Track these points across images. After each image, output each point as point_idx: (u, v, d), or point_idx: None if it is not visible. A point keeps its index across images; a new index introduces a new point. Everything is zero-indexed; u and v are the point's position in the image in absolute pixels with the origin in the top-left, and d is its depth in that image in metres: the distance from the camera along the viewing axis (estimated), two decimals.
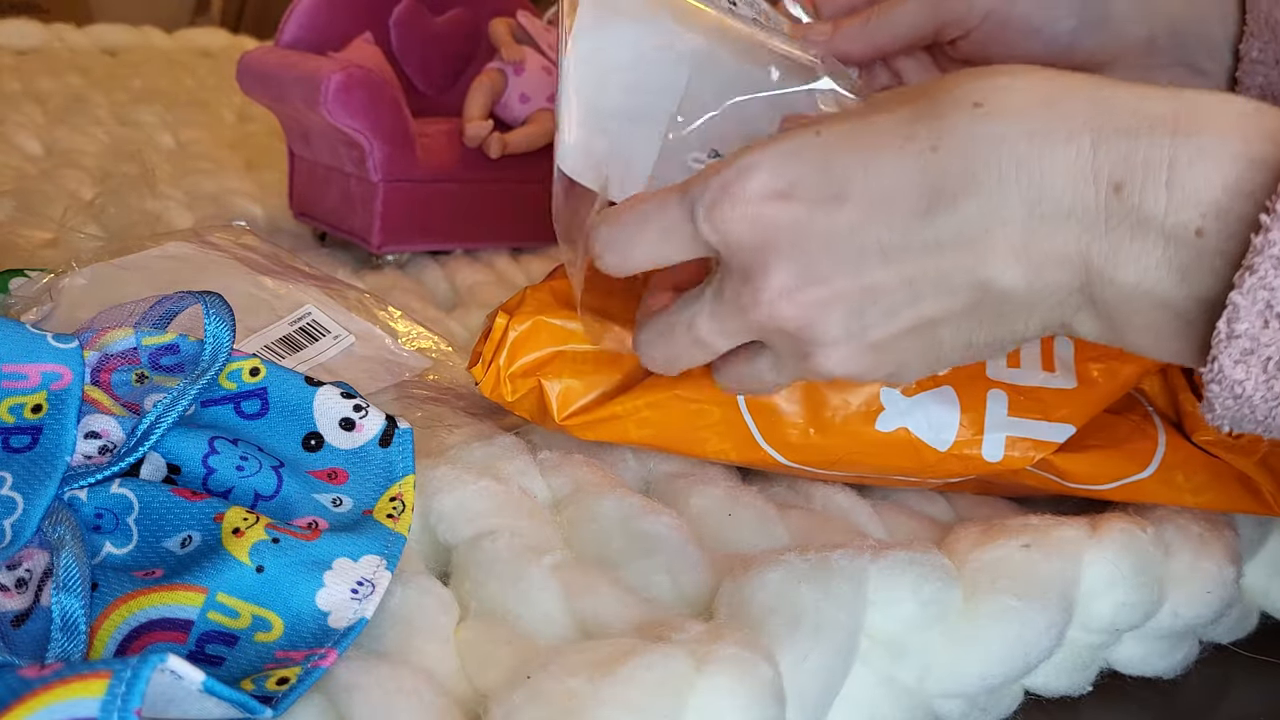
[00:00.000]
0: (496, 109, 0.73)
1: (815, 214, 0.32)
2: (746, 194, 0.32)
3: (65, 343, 0.37)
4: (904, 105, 0.32)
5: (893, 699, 0.35)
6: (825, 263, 0.32)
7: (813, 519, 0.42)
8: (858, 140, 0.32)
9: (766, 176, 0.32)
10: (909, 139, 0.31)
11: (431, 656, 0.33)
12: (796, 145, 0.33)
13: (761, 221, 0.32)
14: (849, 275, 0.32)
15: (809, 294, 0.33)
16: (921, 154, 0.31)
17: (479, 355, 0.44)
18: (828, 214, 0.32)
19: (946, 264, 0.31)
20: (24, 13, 1.46)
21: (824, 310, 0.33)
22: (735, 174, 0.33)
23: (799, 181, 0.32)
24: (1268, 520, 0.43)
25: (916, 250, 0.31)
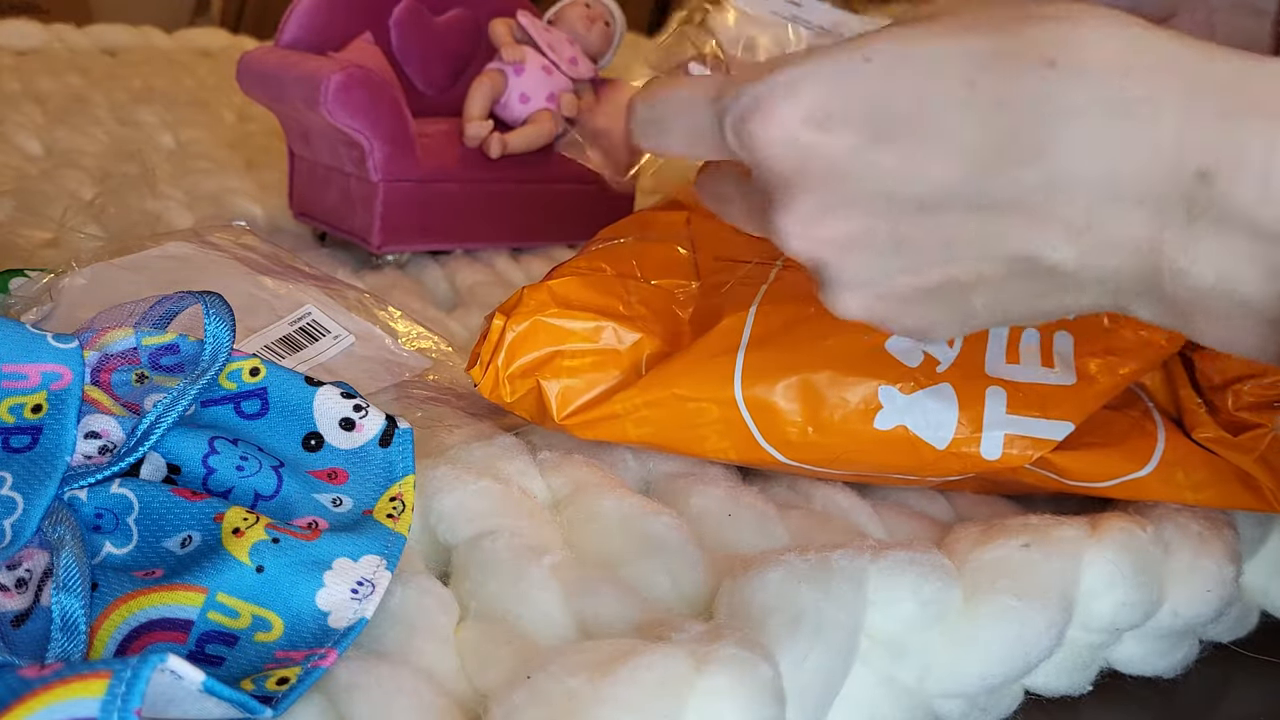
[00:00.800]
0: (496, 109, 0.73)
1: (855, 150, 0.29)
2: (781, 115, 0.30)
3: (65, 343, 0.37)
4: (968, 35, 0.28)
5: (893, 699, 0.35)
6: (854, 201, 0.30)
7: (813, 519, 0.42)
8: (913, 76, 0.29)
9: (806, 100, 0.29)
10: (971, 86, 0.28)
11: (431, 656, 0.33)
12: (842, 69, 0.29)
13: (794, 148, 0.30)
14: (878, 219, 0.30)
15: (829, 228, 0.30)
16: (984, 108, 0.28)
17: (477, 356, 0.44)
18: (868, 153, 0.29)
19: (991, 229, 0.29)
20: (24, 13, 1.46)
21: (842, 251, 0.30)
22: (770, 90, 0.30)
23: (842, 111, 0.29)
24: (1268, 518, 0.43)
25: (959, 208, 0.29)
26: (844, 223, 0.30)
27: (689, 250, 0.49)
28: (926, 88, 0.28)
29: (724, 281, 0.46)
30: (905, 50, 0.29)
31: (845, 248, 0.30)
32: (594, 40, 0.76)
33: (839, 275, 0.31)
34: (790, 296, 0.44)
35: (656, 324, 0.45)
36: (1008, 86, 0.28)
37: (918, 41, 0.29)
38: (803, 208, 0.30)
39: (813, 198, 0.30)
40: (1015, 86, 0.28)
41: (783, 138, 0.30)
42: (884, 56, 0.29)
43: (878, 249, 0.30)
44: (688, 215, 0.52)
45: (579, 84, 0.75)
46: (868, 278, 0.31)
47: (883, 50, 0.29)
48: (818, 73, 0.29)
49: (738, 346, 0.42)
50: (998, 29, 0.28)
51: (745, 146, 0.31)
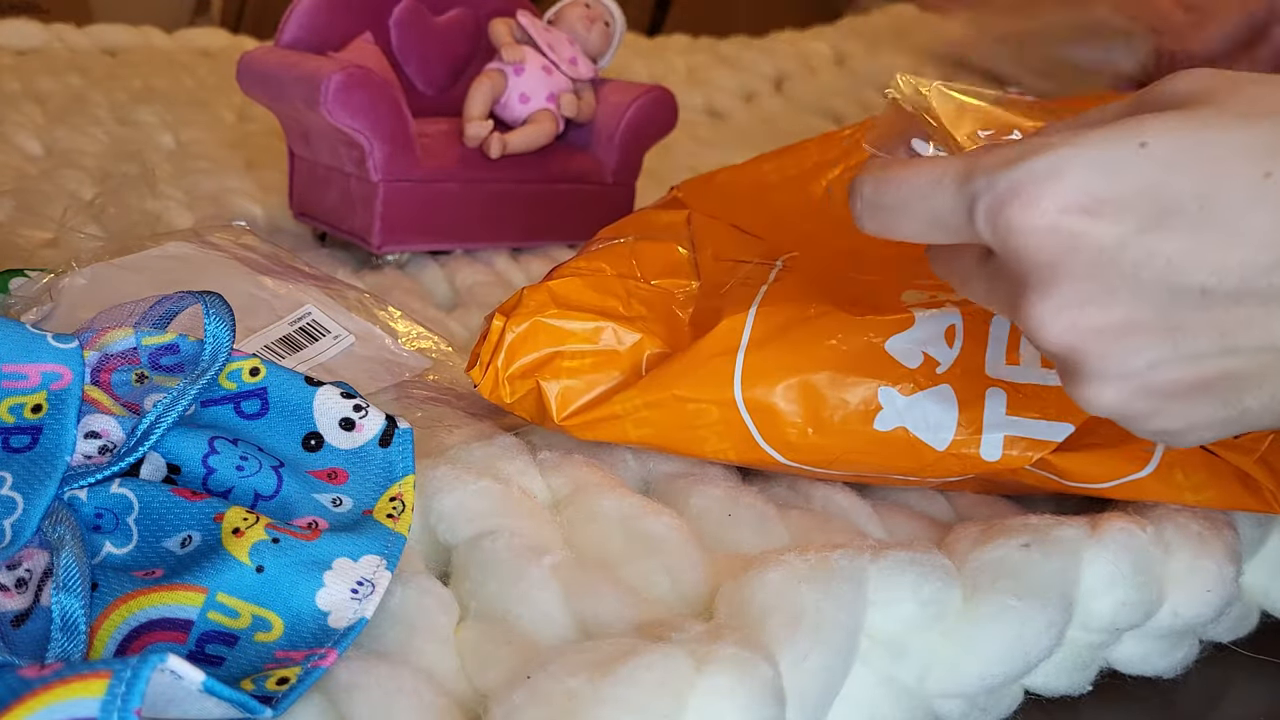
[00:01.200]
0: (496, 109, 0.73)
1: (1129, 237, 0.27)
2: (1045, 202, 0.28)
3: (65, 343, 0.37)
4: (1255, 123, 0.27)
5: (893, 699, 0.35)
6: (1124, 289, 0.28)
7: (813, 519, 0.42)
8: (1198, 161, 0.27)
9: (1075, 186, 0.28)
10: (1268, 175, 0.27)
11: (431, 656, 0.33)
12: (1115, 156, 0.28)
13: (1059, 235, 0.28)
14: (1151, 308, 0.28)
15: (1093, 317, 0.28)
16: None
17: (477, 357, 0.44)
18: (1145, 239, 0.27)
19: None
20: (24, 13, 1.46)
21: (1106, 340, 0.29)
22: (1031, 175, 0.28)
23: (1116, 200, 0.27)
24: (1268, 519, 0.43)
25: (1249, 300, 0.27)
26: (1112, 311, 0.28)
27: (689, 250, 0.49)
28: (1214, 177, 0.27)
29: (724, 282, 0.46)
30: (1185, 137, 0.27)
31: (1110, 337, 0.29)
32: (594, 40, 0.76)
33: (1099, 365, 0.29)
34: (790, 297, 0.44)
35: (656, 324, 0.45)
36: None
37: (1198, 129, 0.27)
38: (1064, 295, 0.28)
39: (1076, 285, 0.28)
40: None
41: (1046, 225, 0.28)
42: (1162, 144, 0.27)
43: (1147, 339, 0.28)
44: (688, 215, 0.52)
45: (579, 84, 0.75)
46: (1132, 369, 0.29)
47: (1160, 137, 0.28)
48: (1087, 158, 0.28)
49: (737, 347, 0.42)
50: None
51: (1001, 234, 0.29)
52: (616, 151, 0.76)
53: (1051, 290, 0.29)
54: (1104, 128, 0.28)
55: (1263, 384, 0.29)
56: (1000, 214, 0.29)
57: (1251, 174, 0.27)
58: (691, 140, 1.13)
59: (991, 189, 0.29)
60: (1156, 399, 0.29)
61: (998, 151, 0.29)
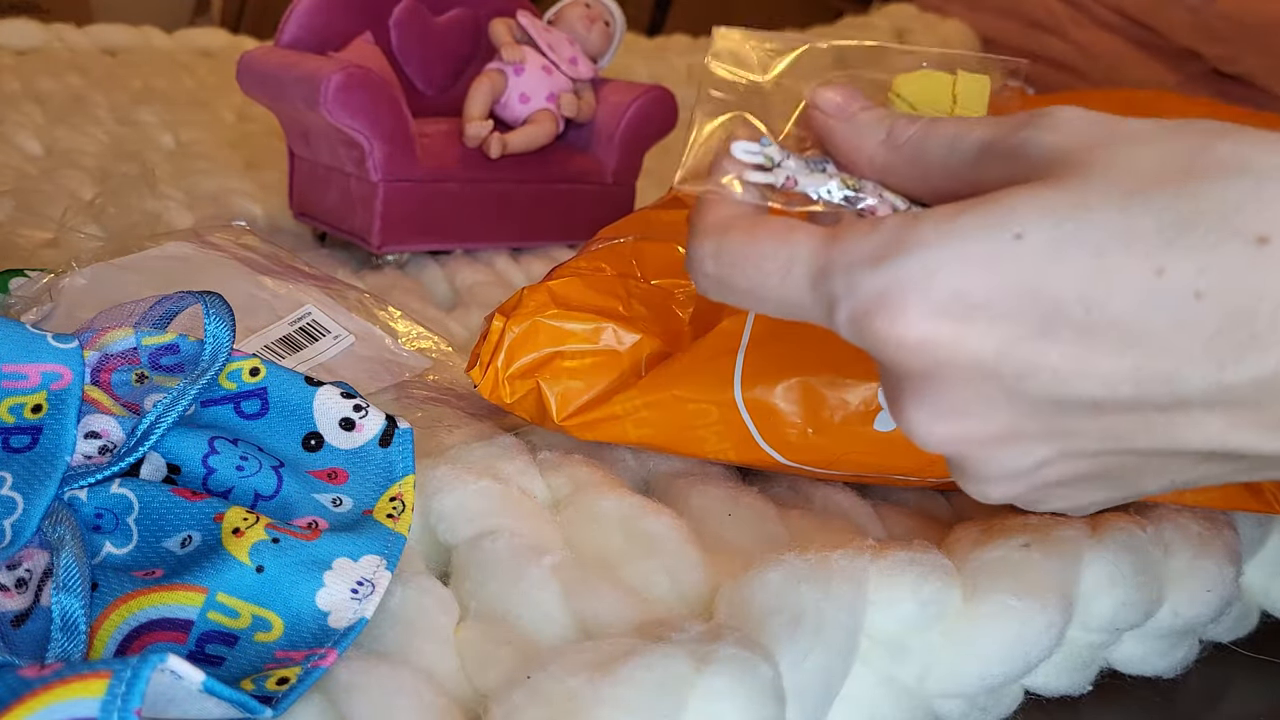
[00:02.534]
0: (496, 109, 0.73)
1: (1008, 346, 0.24)
2: (913, 313, 0.25)
3: (65, 343, 0.37)
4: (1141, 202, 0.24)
5: (893, 699, 0.35)
6: (1004, 402, 0.25)
7: (813, 519, 0.42)
8: (1080, 254, 0.24)
9: (944, 290, 0.24)
10: (1160, 272, 0.23)
11: (431, 656, 0.33)
12: (989, 250, 0.24)
13: (931, 348, 0.25)
14: (1035, 420, 0.25)
15: (972, 428, 0.26)
16: (1177, 298, 0.23)
17: (477, 357, 0.44)
18: (1025, 349, 0.24)
19: (1182, 427, 0.25)
20: (24, 13, 1.46)
21: (986, 448, 0.26)
22: (896, 282, 0.25)
23: (989, 302, 0.24)
24: (1268, 519, 0.43)
25: (1146, 408, 0.24)
26: (992, 422, 0.26)
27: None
28: (1100, 274, 0.24)
29: None
30: (1064, 226, 0.24)
31: (991, 446, 0.26)
32: (594, 40, 0.76)
33: (982, 470, 0.27)
34: None
35: (656, 324, 0.45)
36: (1208, 266, 0.23)
37: (1076, 213, 0.24)
38: (939, 406, 0.26)
39: (952, 396, 0.25)
40: (1217, 266, 0.23)
41: (915, 339, 0.25)
42: (1039, 234, 0.24)
43: (1033, 444, 0.26)
44: (688, 215, 0.51)
45: (579, 84, 0.75)
46: (1018, 470, 0.27)
47: (1036, 225, 0.24)
48: (956, 255, 0.24)
49: (737, 348, 0.42)
50: (1171, 188, 0.24)
51: (867, 343, 0.26)
52: (616, 151, 0.76)
53: (926, 400, 0.26)
54: (975, 214, 0.25)
55: (1162, 474, 0.27)
56: (864, 325, 0.25)
57: (1142, 271, 0.23)
58: None
59: (852, 295, 0.25)
60: (1051, 489, 0.28)
61: (855, 238, 0.26)
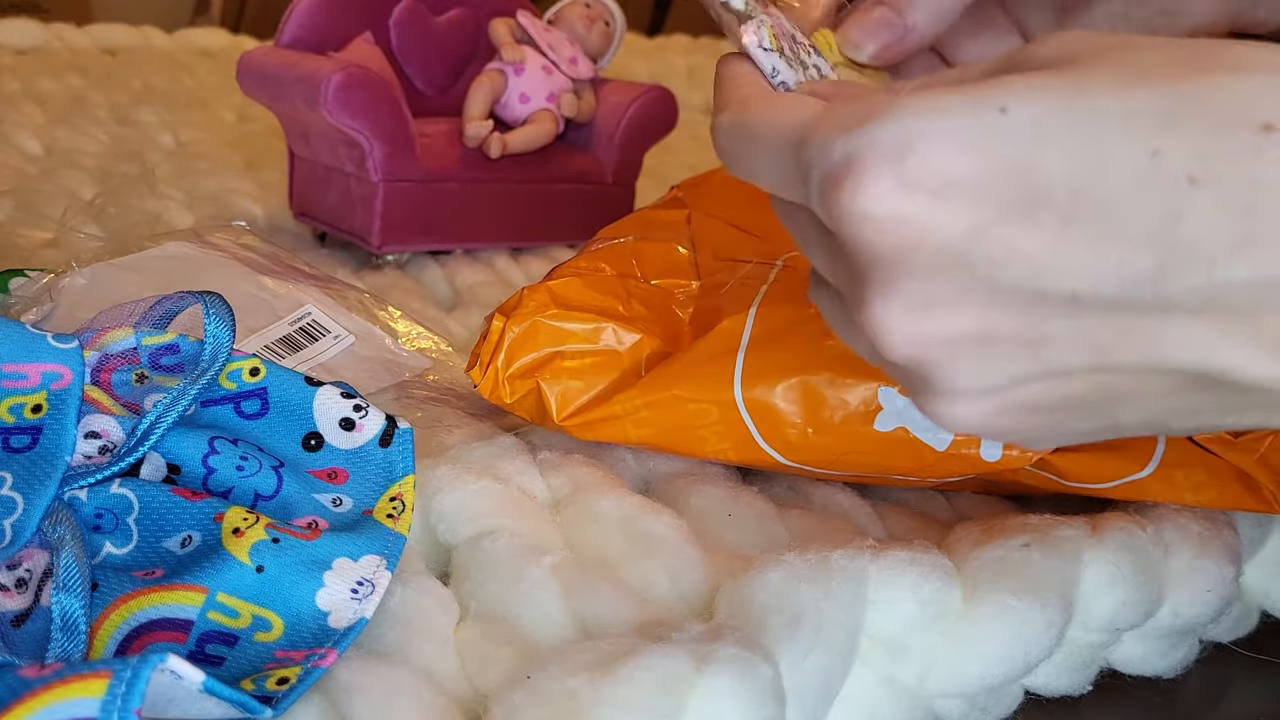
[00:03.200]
0: (496, 109, 0.73)
1: (983, 228, 0.23)
2: (883, 183, 0.23)
3: (65, 343, 0.37)
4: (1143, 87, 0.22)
5: (893, 699, 0.35)
6: (977, 293, 0.23)
7: (813, 519, 0.42)
8: (1070, 134, 0.22)
9: (920, 163, 0.23)
10: (1156, 155, 0.22)
11: (431, 656, 0.33)
12: (971, 125, 0.23)
13: (900, 223, 0.23)
14: (1009, 314, 0.23)
15: (941, 324, 0.24)
16: (1171, 184, 0.22)
17: (477, 357, 0.44)
18: (1003, 232, 0.23)
19: (1167, 334, 0.23)
20: (24, 13, 1.46)
21: (956, 351, 0.24)
22: (868, 147, 0.23)
23: (967, 178, 0.22)
24: (1268, 519, 0.43)
25: (1129, 309, 0.23)
26: (962, 317, 0.24)
27: (689, 250, 0.49)
28: (1090, 155, 0.22)
29: (724, 281, 0.46)
30: (1056, 103, 0.22)
31: (961, 347, 0.24)
32: (594, 40, 0.76)
33: (949, 380, 0.25)
34: (790, 297, 0.44)
35: (656, 324, 0.45)
36: (1207, 154, 0.21)
37: (1072, 93, 0.22)
38: (906, 297, 0.24)
39: (920, 285, 0.24)
40: (1218, 154, 0.21)
41: (884, 211, 0.23)
42: (1028, 109, 0.22)
43: (1006, 351, 0.24)
44: (688, 214, 0.52)
45: (579, 84, 0.75)
46: (989, 384, 0.24)
47: (1025, 101, 0.23)
48: (935, 127, 0.23)
49: (737, 348, 0.42)
50: (1183, 79, 0.22)
51: (833, 217, 0.24)
52: (616, 151, 0.76)
53: (891, 290, 0.24)
54: (959, 91, 0.23)
55: (1141, 402, 0.25)
56: (831, 194, 0.24)
57: (1136, 152, 0.22)
58: (691, 140, 1.13)
59: (824, 161, 0.24)
60: (1021, 414, 0.25)
61: (842, 108, 0.24)
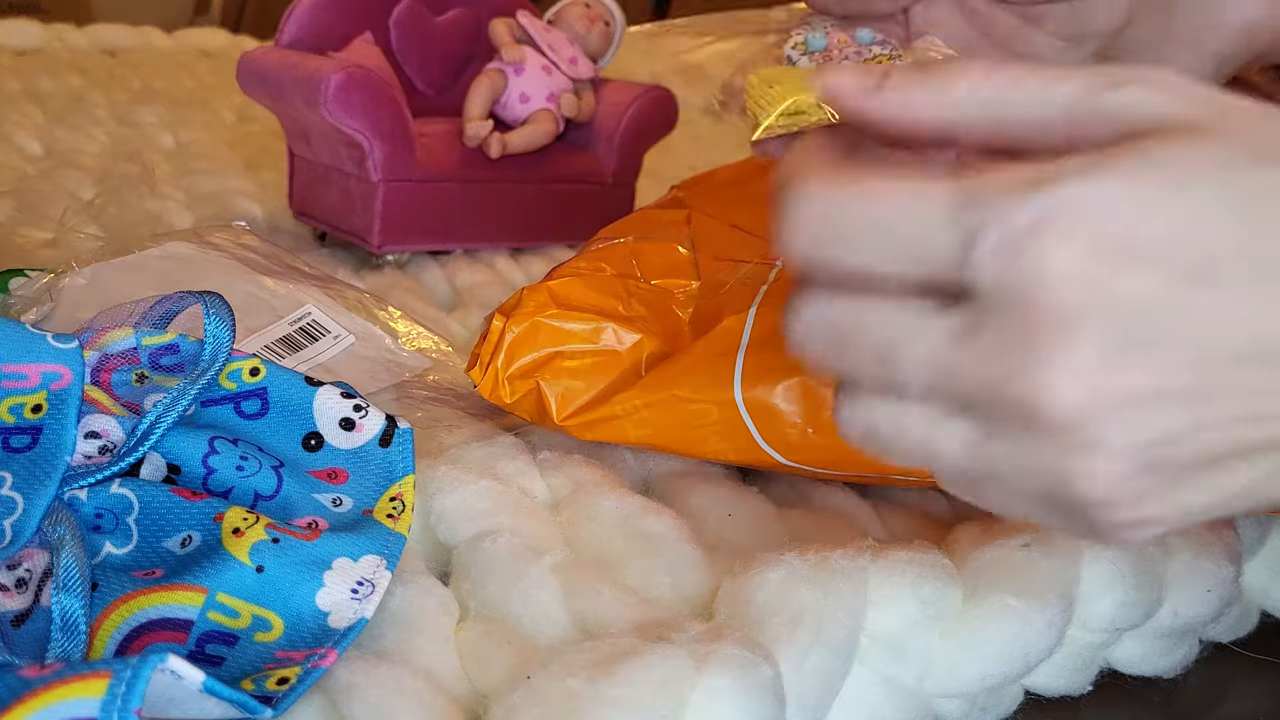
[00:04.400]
0: (496, 109, 0.73)
1: (1166, 293, 0.23)
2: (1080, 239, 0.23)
3: (65, 343, 0.37)
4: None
5: (893, 699, 0.35)
6: (1155, 351, 0.24)
7: (813, 519, 0.42)
8: (1237, 196, 0.23)
9: (1107, 220, 0.23)
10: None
11: (431, 656, 0.33)
12: (1150, 193, 0.23)
13: (1090, 282, 0.23)
14: (1181, 374, 0.24)
15: (1119, 380, 0.24)
16: None
17: (477, 357, 0.44)
18: (1179, 294, 0.23)
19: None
20: (24, 13, 1.46)
21: (1122, 408, 0.24)
22: (1062, 205, 0.23)
23: (1148, 240, 0.23)
24: (1268, 519, 0.43)
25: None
26: (1142, 374, 0.24)
27: (689, 250, 0.49)
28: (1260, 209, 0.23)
29: (724, 281, 0.46)
30: (1230, 177, 0.24)
31: (1133, 404, 0.24)
32: (594, 40, 0.76)
33: (1100, 434, 0.24)
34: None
35: (656, 324, 0.45)
36: None
37: (1242, 166, 0.24)
38: (1089, 354, 0.24)
39: (1104, 343, 0.24)
40: None
41: (1077, 270, 0.23)
42: (1203, 184, 0.24)
43: (1163, 409, 0.24)
44: (688, 214, 0.52)
45: (579, 84, 0.75)
46: (1135, 443, 0.24)
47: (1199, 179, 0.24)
48: (1117, 192, 0.23)
49: (738, 348, 0.42)
50: None
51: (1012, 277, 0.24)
52: (616, 151, 0.76)
53: (1075, 347, 0.24)
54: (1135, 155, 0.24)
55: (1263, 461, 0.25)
56: (1020, 252, 0.23)
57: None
58: (691, 140, 1.13)
59: (1007, 220, 0.24)
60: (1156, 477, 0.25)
61: (1008, 172, 0.24)
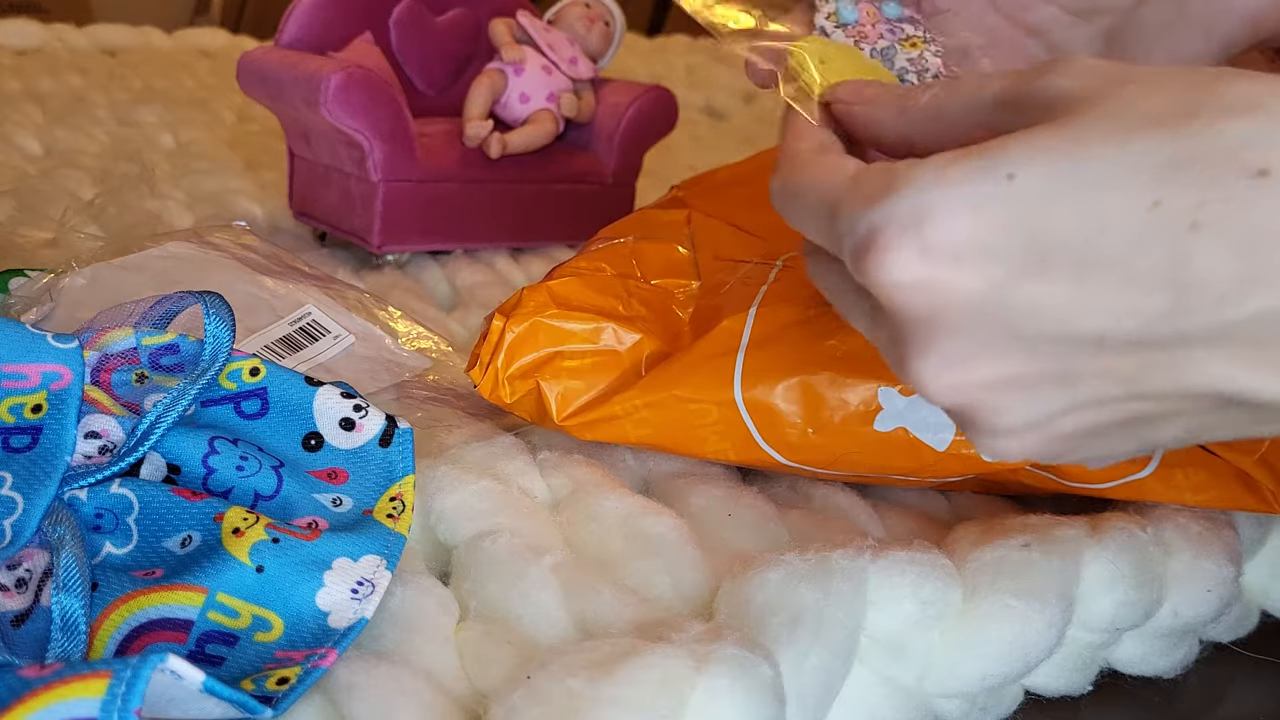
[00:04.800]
0: (496, 109, 0.73)
1: (1004, 286, 0.25)
2: (903, 253, 0.25)
3: (65, 343, 0.37)
4: (1137, 138, 0.24)
5: (892, 699, 0.35)
6: (1008, 344, 0.25)
7: (813, 519, 0.42)
8: (1075, 192, 0.24)
9: (935, 232, 0.25)
10: (1156, 204, 0.23)
11: (431, 656, 0.33)
12: (981, 191, 0.25)
13: (928, 287, 0.25)
14: (1042, 359, 0.25)
15: (977, 373, 0.26)
16: (1174, 231, 0.23)
17: (477, 357, 0.44)
18: (1023, 287, 0.24)
19: (1190, 366, 0.24)
20: (24, 13, 1.46)
21: (996, 395, 0.26)
22: (889, 219, 0.25)
23: (982, 243, 0.25)
24: (1268, 519, 0.43)
25: (1149, 345, 0.24)
26: (997, 365, 0.26)
27: (689, 250, 0.49)
28: (1095, 210, 0.24)
29: (724, 281, 0.46)
30: (1059, 164, 0.24)
31: (1000, 392, 0.26)
32: (594, 40, 0.76)
33: (994, 421, 0.27)
34: (790, 297, 0.44)
35: (656, 324, 0.45)
36: (1205, 199, 0.23)
37: (1072, 151, 0.24)
38: (942, 353, 0.26)
39: (954, 341, 0.26)
40: (1215, 203, 0.23)
41: (910, 278, 0.25)
42: (1032, 173, 0.24)
43: (1042, 390, 0.26)
44: (688, 214, 0.52)
45: (579, 84, 0.75)
46: (1031, 420, 0.26)
47: (1029, 165, 0.24)
48: (947, 196, 0.25)
49: (738, 348, 0.42)
50: (1174, 127, 0.24)
51: (868, 281, 0.26)
52: (616, 151, 0.76)
53: (929, 347, 0.26)
54: (968, 158, 0.25)
55: (1176, 420, 0.26)
56: (861, 264, 0.26)
57: (1137, 205, 0.24)
58: (691, 140, 1.13)
59: (853, 233, 0.26)
60: (1068, 441, 0.27)
61: (869, 178, 0.26)
